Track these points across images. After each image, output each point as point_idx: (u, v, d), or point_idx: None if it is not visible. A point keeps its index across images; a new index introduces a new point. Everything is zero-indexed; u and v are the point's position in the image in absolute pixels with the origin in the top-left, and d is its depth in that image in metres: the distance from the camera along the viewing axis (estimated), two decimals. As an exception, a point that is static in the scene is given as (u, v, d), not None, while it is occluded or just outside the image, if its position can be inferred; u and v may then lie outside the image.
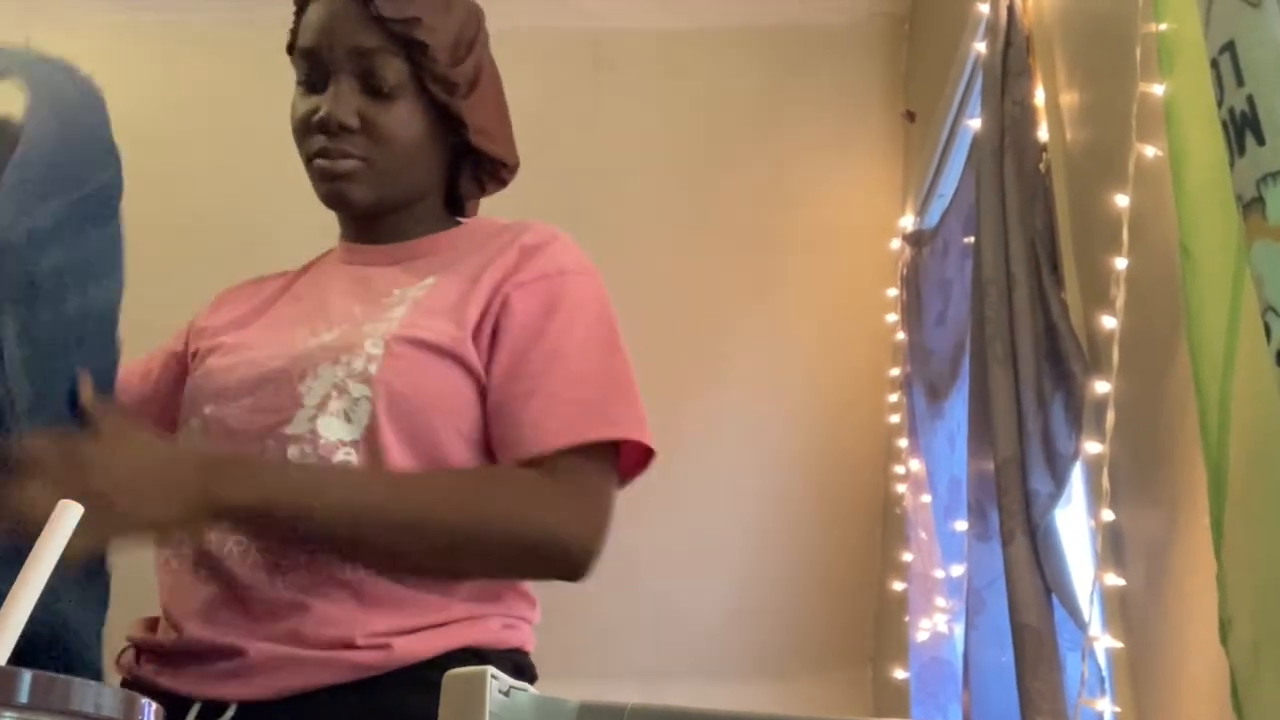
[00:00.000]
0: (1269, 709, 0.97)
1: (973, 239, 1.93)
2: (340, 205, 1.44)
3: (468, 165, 1.48)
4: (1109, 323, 1.45)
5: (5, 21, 2.80)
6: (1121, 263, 1.44)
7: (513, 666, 1.27)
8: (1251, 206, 0.83)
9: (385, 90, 1.39)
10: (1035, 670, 1.47)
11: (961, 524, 1.95)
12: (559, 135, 2.80)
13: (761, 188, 3.03)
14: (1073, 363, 1.53)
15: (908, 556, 2.45)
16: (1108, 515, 1.42)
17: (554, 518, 1.28)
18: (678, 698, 0.78)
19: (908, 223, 2.80)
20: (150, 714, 0.53)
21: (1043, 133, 1.75)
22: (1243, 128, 0.83)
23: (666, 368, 2.61)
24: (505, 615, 1.33)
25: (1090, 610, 1.40)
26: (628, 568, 2.65)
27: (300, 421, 1.29)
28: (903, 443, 2.60)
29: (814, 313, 2.97)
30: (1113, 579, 1.43)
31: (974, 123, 2.03)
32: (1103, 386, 1.46)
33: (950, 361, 2.29)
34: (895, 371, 2.75)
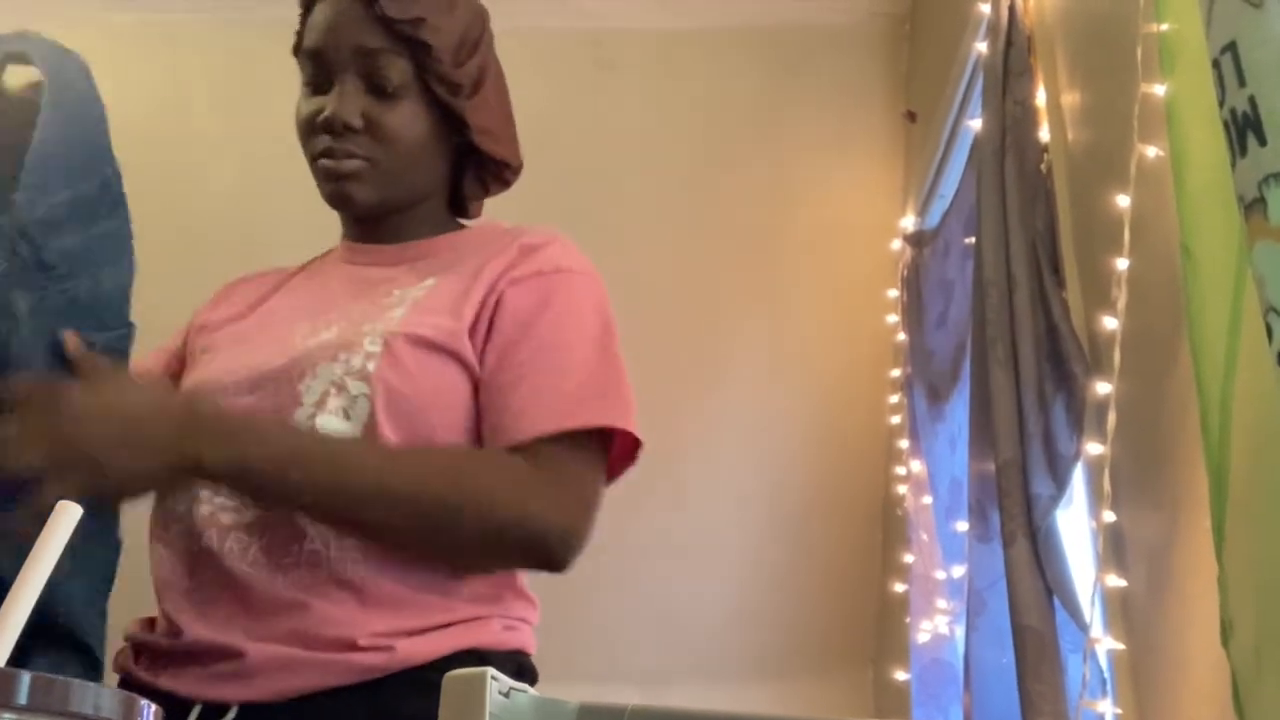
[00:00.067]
0: (1270, 711, 0.96)
1: (974, 240, 1.92)
2: (344, 205, 1.44)
3: (471, 166, 1.48)
4: (1110, 324, 1.45)
5: (5, 21, 2.79)
6: (1123, 263, 1.43)
7: (515, 668, 1.27)
8: (1253, 207, 0.82)
9: (389, 90, 1.39)
10: (1036, 672, 1.47)
11: (962, 525, 1.94)
12: (559, 135, 2.79)
13: (762, 188, 3.02)
14: (1074, 364, 1.53)
15: (909, 558, 2.45)
16: (1109, 517, 1.42)
17: (532, 503, 1.27)
18: (678, 699, 0.78)
19: (908, 223, 2.79)
20: (149, 715, 0.53)
21: (1044, 133, 1.75)
22: (1244, 128, 0.83)
23: (667, 368, 2.61)
24: (505, 617, 1.32)
25: (1091, 612, 1.39)
26: (628, 569, 2.66)
27: (300, 419, 1.29)
28: (903, 444, 2.60)
29: (814, 313, 2.97)
30: (1114, 580, 1.43)
31: (975, 123, 2.03)
32: (1104, 388, 1.46)
33: (951, 362, 2.29)
34: (896, 372, 2.75)
